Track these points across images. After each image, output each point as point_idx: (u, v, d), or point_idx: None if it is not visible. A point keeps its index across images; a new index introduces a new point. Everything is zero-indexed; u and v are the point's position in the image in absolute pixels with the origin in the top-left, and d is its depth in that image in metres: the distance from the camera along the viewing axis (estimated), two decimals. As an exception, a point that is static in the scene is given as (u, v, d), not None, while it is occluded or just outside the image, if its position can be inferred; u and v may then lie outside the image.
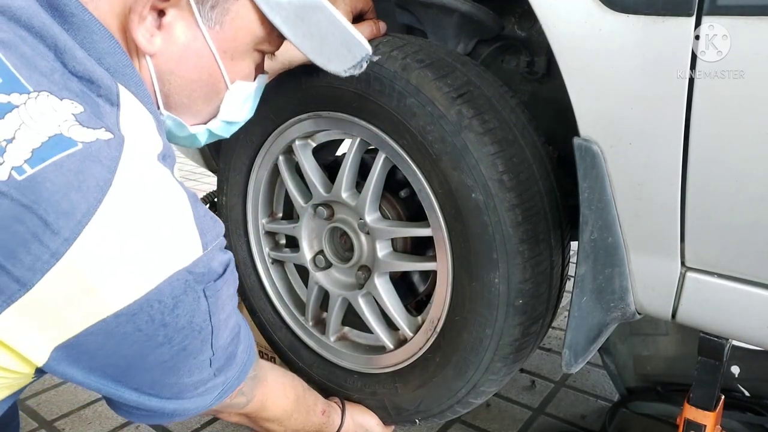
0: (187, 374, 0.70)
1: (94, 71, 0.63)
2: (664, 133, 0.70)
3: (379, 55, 0.91)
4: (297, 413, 1.00)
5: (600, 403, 1.43)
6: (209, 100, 0.79)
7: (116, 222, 0.56)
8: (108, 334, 0.58)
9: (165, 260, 0.60)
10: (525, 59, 1.11)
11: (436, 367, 1.02)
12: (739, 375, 1.22)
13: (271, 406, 0.95)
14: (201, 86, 0.77)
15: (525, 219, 0.86)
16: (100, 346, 0.59)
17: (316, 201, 1.11)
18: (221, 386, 0.77)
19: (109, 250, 0.55)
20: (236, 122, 0.86)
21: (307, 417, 1.03)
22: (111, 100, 0.63)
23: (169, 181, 0.63)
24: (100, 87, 0.63)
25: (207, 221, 0.65)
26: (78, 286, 0.55)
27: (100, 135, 0.57)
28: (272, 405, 0.96)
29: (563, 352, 0.87)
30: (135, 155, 0.59)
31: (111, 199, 0.55)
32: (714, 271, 0.74)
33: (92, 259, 0.55)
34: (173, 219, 0.61)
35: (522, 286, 0.89)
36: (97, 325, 0.57)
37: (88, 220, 0.54)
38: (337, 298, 1.15)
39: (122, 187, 0.56)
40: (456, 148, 0.86)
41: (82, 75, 0.62)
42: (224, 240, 0.70)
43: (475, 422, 1.34)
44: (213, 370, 0.73)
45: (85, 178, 0.54)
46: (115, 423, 1.34)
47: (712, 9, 0.63)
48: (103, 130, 0.58)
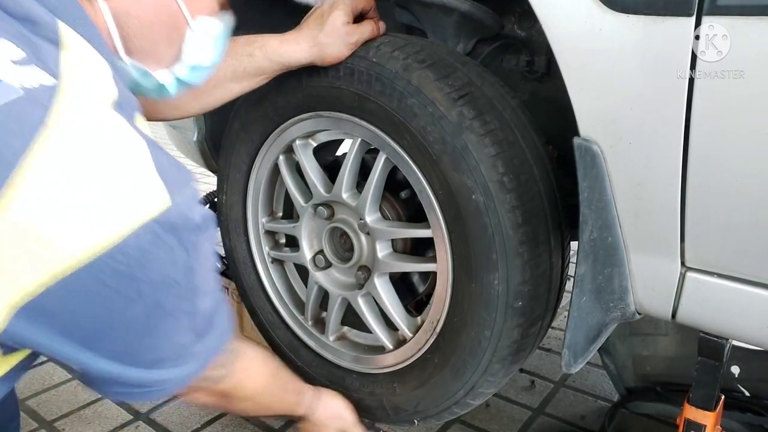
0: (166, 337, 0.65)
1: (32, 9, 0.58)
2: (664, 133, 0.70)
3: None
4: (271, 390, 0.96)
5: (600, 403, 1.43)
6: (171, 41, 0.74)
7: (56, 165, 0.52)
8: (70, 292, 0.54)
9: (125, 210, 0.56)
10: (525, 59, 1.11)
11: (435, 368, 1.02)
12: (739, 375, 1.22)
13: (248, 381, 0.90)
14: (161, 27, 0.72)
15: (525, 221, 0.86)
16: (63, 306, 0.55)
17: (317, 201, 1.11)
18: (203, 354, 0.72)
19: (54, 195, 0.52)
20: (203, 66, 0.80)
21: (280, 395, 0.99)
22: (51, 39, 0.58)
23: (122, 127, 0.59)
24: (39, 25, 0.58)
25: (171, 170, 0.61)
26: (27, 236, 0.51)
27: (37, 77, 0.54)
28: (249, 380, 0.90)
29: (563, 352, 0.87)
30: (76, 97, 0.56)
31: (47, 140, 0.52)
32: (714, 271, 0.74)
33: (36, 205, 0.51)
34: (128, 166, 0.57)
35: (521, 288, 0.89)
36: (58, 283, 0.53)
37: (19, 161, 0.50)
38: (336, 298, 1.15)
39: (60, 128, 0.53)
40: (457, 149, 0.86)
41: (19, 15, 0.57)
42: (197, 192, 0.66)
43: (475, 422, 1.34)
44: (194, 334, 0.68)
45: (20, 121, 0.51)
46: (115, 423, 1.34)
47: (712, 9, 0.63)
48: (41, 71, 0.54)
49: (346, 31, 0.93)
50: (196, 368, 0.73)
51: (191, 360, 0.71)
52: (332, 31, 0.93)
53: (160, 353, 0.66)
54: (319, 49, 0.94)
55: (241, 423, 1.34)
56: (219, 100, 1.01)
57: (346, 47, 0.94)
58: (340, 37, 0.93)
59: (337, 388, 1.19)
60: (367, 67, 0.93)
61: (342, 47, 0.94)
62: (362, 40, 0.94)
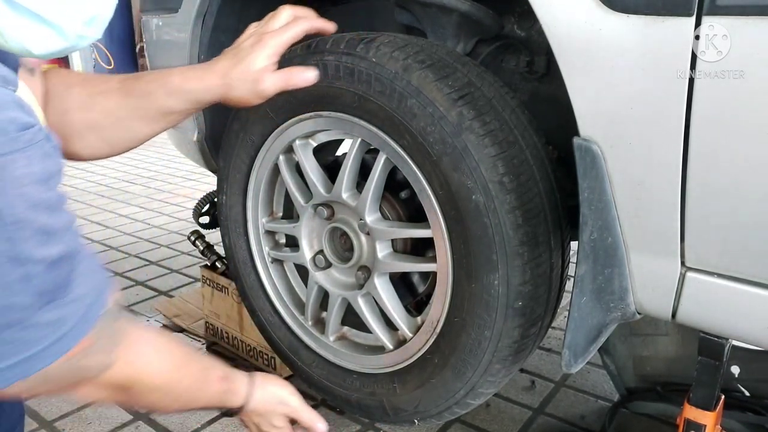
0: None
1: None
2: (664, 132, 0.70)
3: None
4: (184, 379, 0.78)
5: (600, 403, 1.43)
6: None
7: None
8: None
9: None
10: (525, 59, 1.11)
11: (435, 368, 1.02)
12: (739, 375, 1.22)
13: (146, 369, 0.73)
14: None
15: (525, 221, 0.86)
16: None
17: (317, 201, 1.11)
18: (56, 328, 0.57)
19: None
20: (44, 19, 0.56)
21: (200, 385, 0.81)
22: None
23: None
24: None
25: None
26: None
27: None
28: (147, 368, 0.73)
29: (563, 352, 0.87)
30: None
31: None
32: (714, 271, 0.74)
33: None
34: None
35: (521, 288, 0.89)
36: None
37: None
38: (336, 298, 1.15)
39: None
40: (456, 150, 0.86)
41: None
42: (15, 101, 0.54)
43: (475, 422, 1.34)
44: (35, 295, 0.54)
45: None
46: (115, 423, 1.34)
47: (712, 9, 0.63)
48: None
49: (258, 78, 0.83)
50: (49, 350, 0.56)
51: (40, 335, 0.55)
52: (244, 74, 0.83)
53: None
54: (225, 89, 0.84)
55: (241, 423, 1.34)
56: (133, 141, 0.88)
57: (254, 96, 0.85)
58: (251, 83, 0.83)
59: (337, 388, 1.20)
60: (367, 67, 0.93)
61: (249, 95, 0.85)
62: (276, 92, 0.85)
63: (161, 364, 0.75)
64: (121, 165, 4.21)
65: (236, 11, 1.22)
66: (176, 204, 3.18)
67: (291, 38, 0.86)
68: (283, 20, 0.87)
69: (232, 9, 1.21)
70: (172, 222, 2.87)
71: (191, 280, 2.15)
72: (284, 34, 0.85)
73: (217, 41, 1.22)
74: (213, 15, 1.19)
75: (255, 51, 0.84)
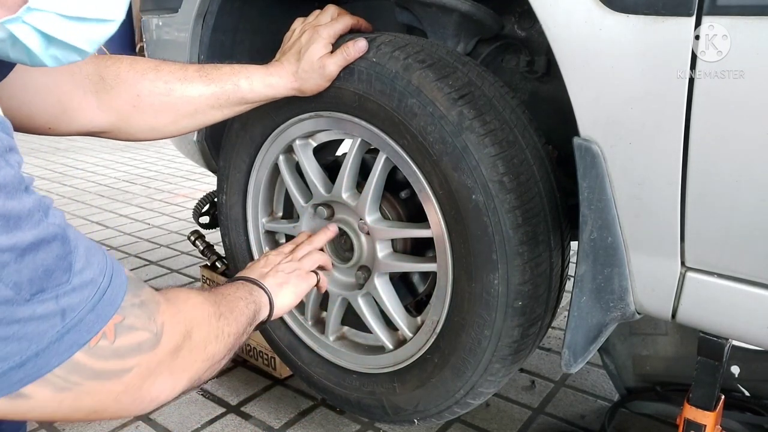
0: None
1: None
2: (664, 133, 0.70)
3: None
4: (224, 315, 0.77)
5: (599, 403, 1.43)
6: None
7: None
8: None
9: None
10: (525, 59, 1.11)
11: (435, 368, 1.02)
12: (739, 375, 1.22)
13: (193, 312, 0.71)
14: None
15: (525, 221, 0.86)
16: None
17: (317, 201, 1.11)
18: (61, 319, 0.52)
19: None
20: (77, 16, 0.54)
21: (234, 313, 0.80)
22: None
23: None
24: None
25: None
26: None
27: None
28: (193, 311, 0.71)
29: (563, 352, 0.87)
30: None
31: None
32: (714, 271, 0.74)
33: None
34: None
35: (521, 288, 0.89)
36: None
37: None
38: (336, 298, 1.15)
39: None
40: (457, 149, 0.86)
41: None
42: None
43: (475, 422, 1.34)
44: (12, 287, 0.48)
45: None
46: (115, 423, 1.34)
47: (712, 9, 0.63)
48: None
49: (322, 65, 0.94)
50: (49, 343, 0.51)
51: (28, 331, 0.50)
52: (310, 65, 0.95)
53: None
54: (299, 83, 0.97)
55: (241, 423, 1.34)
56: (198, 125, 1.00)
57: (323, 80, 0.96)
58: (318, 70, 0.95)
59: (337, 388, 1.20)
60: (367, 67, 0.93)
61: (320, 80, 0.96)
62: (339, 69, 0.95)
63: (199, 304, 0.73)
64: (121, 165, 4.21)
65: (236, 11, 1.22)
66: (176, 204, 3.18)
67: (342, 29, 0.97)
68: (330, 16, 0.99)
69: (232, 9, 1.21)
70: (172, 222, 2.87)
71: (191, 280, 2.15)
72: (336, 25, 0.97)
73: (217, 41, 1.22)
74: (213, 15, 1.19)
75: (314, 43, 0.95)
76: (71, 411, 0.56)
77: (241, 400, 1.43)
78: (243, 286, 0.90)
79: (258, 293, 0.91)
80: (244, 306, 0.84)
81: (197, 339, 0.69)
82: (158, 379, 0.63)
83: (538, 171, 0.89)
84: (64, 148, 4.82)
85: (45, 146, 4.85)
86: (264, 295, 0.92)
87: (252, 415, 1.37)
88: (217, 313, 0.76)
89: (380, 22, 1.11)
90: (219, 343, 0.74)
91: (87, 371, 0.55)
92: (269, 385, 1.49)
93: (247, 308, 0.85)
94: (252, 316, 0.86)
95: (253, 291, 0.90)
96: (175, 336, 0.65)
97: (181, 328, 0.66)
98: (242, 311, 0.83)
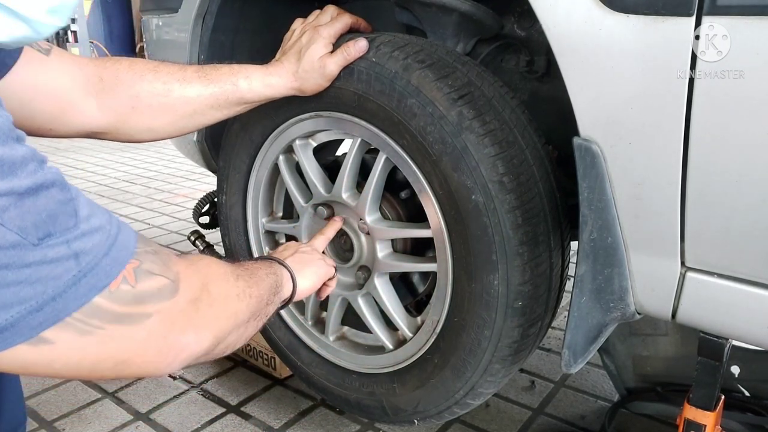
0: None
1: None
2: (664, 133, 0.70)
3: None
4: (243, 277, 0.76)
5: (600, 404, 1.43)
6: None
7: None
8: None
9: None
10: (525, 58, 1.11)
11: (435, 368, 1.02)
12: (739, 375, 1.22)
13: (211, 267, 0.70)
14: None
15: (525, 221, 0.86)
16: None
17: (317, 201, 1.11)
18: (77, 262, 0.52)
19: None
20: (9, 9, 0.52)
21: (254, 278, 0.79)
22: None
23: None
24: None
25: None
26: None
27: None
28: (211, 266, 0.70)
29: (563, 352, 0.87)
30: None
31: None
32: (714, 271, 0.74)
33: None
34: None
35: (521, 288, 0.89)
36: None
37: None
38: (336, 298, 1.15)
39: None
40: (456, 150, 0.86)
41: None
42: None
43: (475, 422, 1.34)
44: (17, 230, 0.48)
45: None
46: (115, 423, 1.34)
47: (712, 9, 0.63)
48: None
49: (323, 64, 0.95)
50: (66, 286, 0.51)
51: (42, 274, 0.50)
52: (310, 65, 0.95)
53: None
54: (299, 83, 0.97)
55: (241, 423, 1.34)
56: (197, 126, 1.00)
57: (324, 79, 0.96)
58: (318, 70, 0.95)
59: (337, 388, 1.20)
60: (366, 67, 0.93)
61: (320, 80, 0.96)
62: (340, 69, 0.95)
63: (221, 269, 0.72)
64: (121, 165, 4.21)
65: (236, 11, 1.22)
66: (176, 204, 3.18)
67: (341, 29, 0.98)
68: (330, 16, 0.99)
69: (232, 9, 1.21)
70: (172, 222, 2.87)
71: (191, 280, 2.14)
72: (336, 24, 0.97)
73: (217, 41, 1.22)
74: (213, 15, 1.19)
75: (314, 43, 0.95)
76: (97, 360, 0.56)
77: (241, 400, 1.43)
78: (263, 261, 0.90)
79: (279, 269, 0.89)
80: (265, 275, 0.83)
81: (216, 293, 0.68)
82: (182, 332, 0.62)
83: (538, 171, 0.89)
84: (64, 148, 4.82)
85: (45, 146, 4.85)
86: (286, 272, 0.90)
87: (252, 415, 1.37)
88: (235, 273, 0.75)
89: (380, 22, 1.11)
90: (240, 302, 0.72)
91: (108, 315, 0.55)
92: (269, 385, 1.49)
93: (268, 277, 0.83)
94: (274, 286, 0.83)
95: (273, 265, 0.89)
96: (192, 286, 0.64)
97: (197, 279, 0.66)
98: (262, 278, 0.81)
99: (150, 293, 0.58)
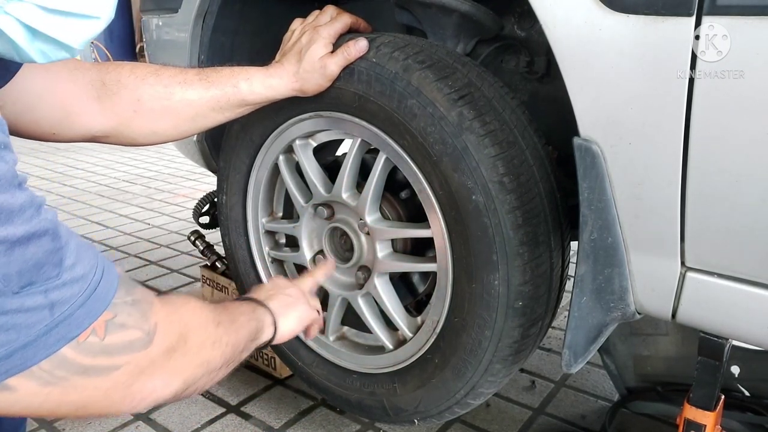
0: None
1: None
2: (664, 133, 0.70)
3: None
4: (223, 324, 0.75)
5: (600, 403, 1.43)
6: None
7: None
8: None
9: None
10: (525, 59, 1.11)
11: (435, 368, 1.02)
12: (739, 375, 1.22)
13: (190, 316, 0.70)
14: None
15: (525, 221, 0.86)
16: None
17: (317, 201, 1.11)
18: (51, 312, 0.52)
19: None
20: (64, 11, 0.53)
21: (234, 325, 0.79)
22: None
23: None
24: None
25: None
26: None
27: None
28: (190, 315, 0.71)
29: (563, 352, 0.87)
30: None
31: None
32: (714, 271, 0.74)
33: None
34: None
35: (521, 288, 0.89)
36: None
37: None
38: (336, 298, 1.15)
39: None
40: (457, 150, 0.86)
41: None
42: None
43: (475, 422, 1.34)
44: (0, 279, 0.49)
45: None
46: (115, 423, 1.34)
47: (712, 9, 0.63)
48: None
49: (323, 65, 0.94)
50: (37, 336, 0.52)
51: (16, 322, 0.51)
52: (311, 65, 0.95)
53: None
54: (300, 84, 0.97)
55: (241, 423, 1.34)
56: (199, 128, 1.00)
57: (324, 80, 0.96)
58: (319, 70, 0.95)
59: (337, 388, 1.20)
60: (367, 68, 0.93)
61: (321, 80, 0.96)
62: (341, 69, 0.95)
63: (202, 317, 0.73)
64: (121, 165, 4.21)
65: (236, 12, 1.22)
66: (176, 204, 3.18)
67: (341, 29, 0.98)
68: (329, 16, 0.99)
69: (232, 9, 1.21)
70: (172, 222, 2.87)
71: (191, 280, 2.15)
72: (335, 24, 0.97)
73: (217, 41, 1.22)
74: (213, 15, 1.19)
75: (314, 43, 0.95)
76: (57, 405, 0.57)
77: (241, 400, 1.43)
78: (247, 304, 0.89)
79: (262, 312, 0.89)
80: (246, 321, 0.83)
81: (192, 342, 0.69)
82: (150, 379, 0.63)
83: (538, 171, 0.89)
84: (64, 148, 4.82)
85: (45, 146, 4.85)
86: (268, 316, 0.89)
87: (252, 415, 1.37)
88: (216, 320, 0.75)
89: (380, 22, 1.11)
90: (215, 350, 0.73)
91: (74, 366, 0.55)
92: (269, 385, 1.49)
93: (249, 323, 0.84)
94: (254, 333, 0.84)
95: (256, 309, 0.89)
96: (169, 336, 0.65)
97: (176, 329, 0.66)
98: (243, 324, 0.82)
99: (119, 346, 0.59)
